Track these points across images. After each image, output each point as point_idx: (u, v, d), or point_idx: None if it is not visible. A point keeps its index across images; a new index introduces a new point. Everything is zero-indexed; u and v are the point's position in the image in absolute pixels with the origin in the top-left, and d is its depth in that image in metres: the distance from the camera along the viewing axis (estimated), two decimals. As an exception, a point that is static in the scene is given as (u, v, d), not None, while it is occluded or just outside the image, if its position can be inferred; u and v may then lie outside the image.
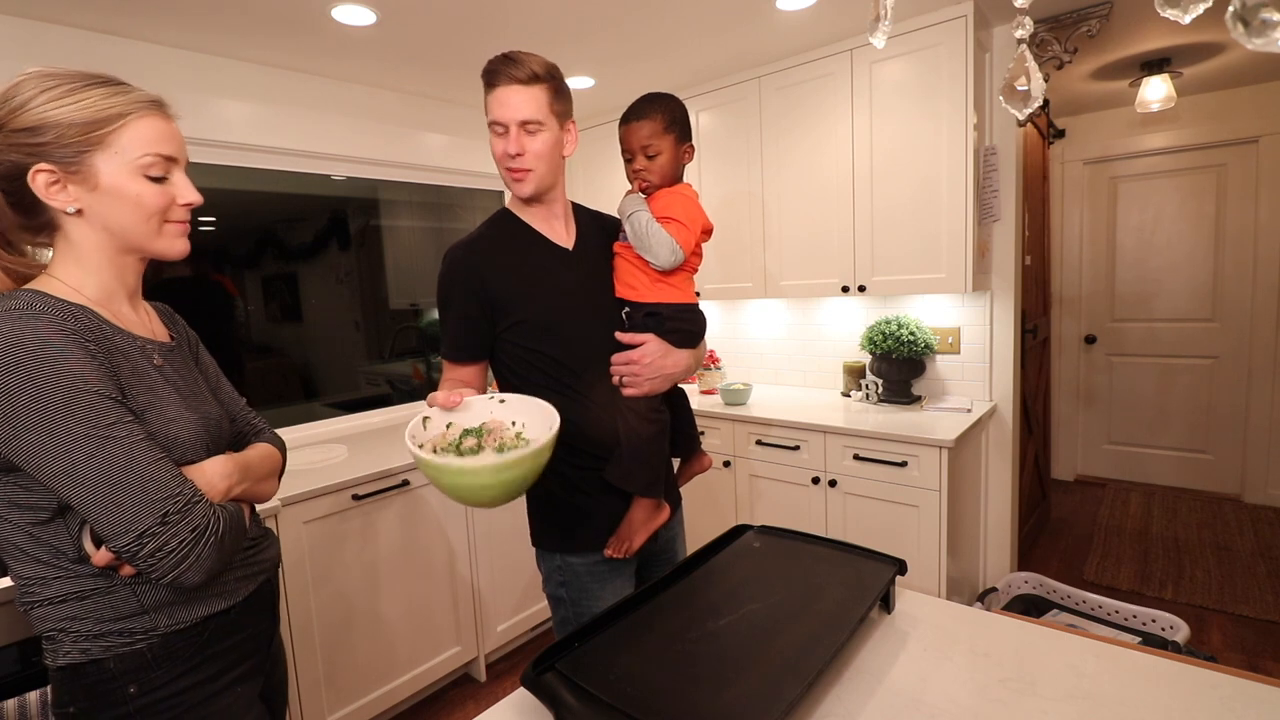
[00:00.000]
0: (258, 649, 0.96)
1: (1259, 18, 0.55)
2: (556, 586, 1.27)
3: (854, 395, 2.61)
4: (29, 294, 0.78)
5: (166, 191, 0.86)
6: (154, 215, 0.85)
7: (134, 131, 0.82)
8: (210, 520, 0.79)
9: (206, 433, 0.89)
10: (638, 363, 1.19)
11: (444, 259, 1.20)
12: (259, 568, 0.97)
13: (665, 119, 1.22)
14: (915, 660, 0.87)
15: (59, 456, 0.72)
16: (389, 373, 3.04)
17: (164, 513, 0.74)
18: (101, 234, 0.84)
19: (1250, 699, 0.75)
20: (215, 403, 0.98)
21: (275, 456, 1.03)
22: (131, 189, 0.82)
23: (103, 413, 0.74)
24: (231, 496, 0.88)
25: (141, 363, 0.86)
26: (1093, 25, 2.17)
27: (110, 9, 1.84)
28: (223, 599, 0.89)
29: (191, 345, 1.04)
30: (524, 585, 2.45)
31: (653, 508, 1.24)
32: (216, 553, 0.79)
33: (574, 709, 0.72)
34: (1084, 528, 3.33)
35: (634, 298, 1.23)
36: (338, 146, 2.55)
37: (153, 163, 0.83)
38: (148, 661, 0.82)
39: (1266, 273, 3.34)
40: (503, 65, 1.12)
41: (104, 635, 0.81)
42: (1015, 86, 0.85)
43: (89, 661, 0.80)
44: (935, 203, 2.21)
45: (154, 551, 0.74)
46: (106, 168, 0.81)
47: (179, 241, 0.89)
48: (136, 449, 0.75)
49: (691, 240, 1.21)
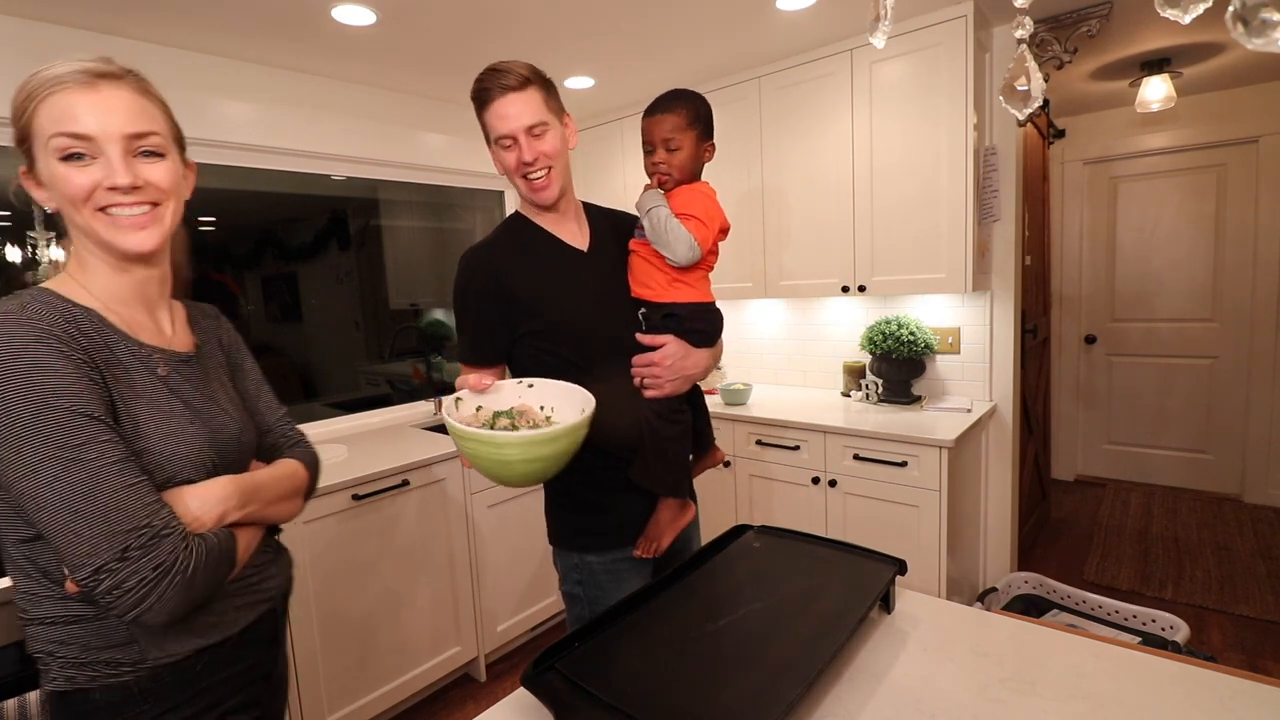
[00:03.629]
0: (253, 681, 0.89)
1: (1259, 18, 0.55)
2: (574, 585, 1.26)
3: (854, 395, 2.61)
4: (30, 293, 0.75)
5: (88, 175, 0.75)
6: (80, 203, 0.75)
7: (44, 112, 0.74)
8: (179, 556, 0.70)
9: (212, 449, 0.83)
10: (659, 364, 1.18)
11: (460, 263, 1.19)
12: (260, 595, 0.89)
13: (690, 114, 1.22)
14: (915, 660, 0.87)
15: (24, 477, 0.67)
16: (389, 373, 3.04)
17: (124, 547, 0.68)
18: (78, 232, 0.79)
19: (1250, 699, 0.75)
20: (240, 415, 0.92)
21: (298, 474, 0.95)
22: (54, 174, 0.75)
23: (72, 431, 0.68)
24: (229, 522, 0.80)
25: (142, 373, 0.80)
26: (1093, 25, 2.17)
27: (110, 9, 1.84)
28: (219, 630, 0.82)
29: (227, 352, 0.98)
30: (524, 585, 2.45)
31: (678, 507, 1.25)
32: (184, 592, 0.71)
33: (574, 709, 0.72)
34: (1084, 528, 3.33)
35: (650, 297, 1.22)
36: (338, 146, 2.55)
37: (62, 145, 0.74)
38: (134, 695, 0.77)
39: (1266, 273, 3.34)
40: (491, 79, 1.10)
41: (90, 664, 0.76)
42: (1015, 86, 0.85)
43: (74, 690, 0.76)
44: (935, 203, 2.21)
45: (110, 589, 0.67)
46: (40, 156, 0.76)
47: (130, 234, 0.78)
48: (104, 473, 0.69)
49: (710, 238, 1.20)
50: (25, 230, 1.97)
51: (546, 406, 1.08)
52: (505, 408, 1.07)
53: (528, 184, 1.16)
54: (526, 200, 1.21)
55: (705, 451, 1.40)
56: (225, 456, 0.85)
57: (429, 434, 2.50)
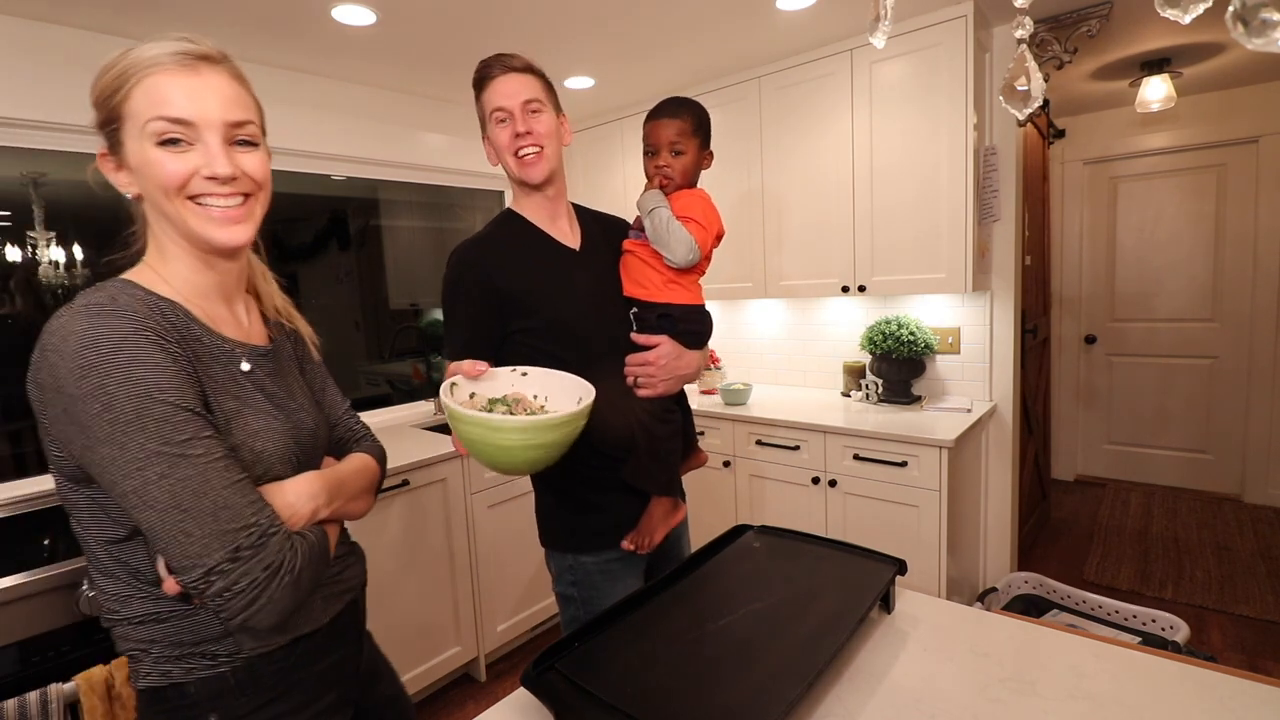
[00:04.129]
0: (343, 677, 0.89)
1: (1259, 18, 0.55)
2: (567, 585, 1.26)
3: (854, 395, 2.61)
4: (117, 285, 0.72)
5: (186, 162, 0.71)
6: (172, 191, 0.72)
7: (141, 94, 0.70)
8: (287, 556, 0.69)
9: (296, 444, 0.81)
10: (653, 364, 1.19)
11: (450, 260, 1.19)
12: (343, 587, 0.89)
13: (694, 121, 1.24)
14: (915, 660, 0.87)
15: (130, 475, 0.64)
16: (389, 373, 3.04)
17: (235, 546, 0.66)
18: (164, 221, 0.75)
19: (1250, 699, 0.75)
20: (313, 410, 0.90)
21: (372, 469, 0.94)
22: (146, 161, 0.71)
23: (177, 427, 0.65)
24: (318, 519, 0.78)
25: (229, 367, 0.77)
26: (1093, 25, 2.17)
27: (110, 9, 1.84)
28: (309, 622, 0.81)
29: (298, 347, 0.97)
30: (524, 585, 2.45)
31: (670, 505, 1.25)
32: (292, 592, 0.69)
33: (574, 709, 0.72)
34: (1084, 528, 3.33)
35: (644, 297, 1.23)
36: (338, 146, 2.55)
37: (161, 129, 0.70)
38: (230, 687, 0.75)
39: (1266, 273, 3.34)
40: (494, 60, 1.14)
41: (185, 657, 0.74)
42: (1015, 86, 0.85)
43: (169, 685, 0.74)
44: (935, 203, 2.21)
45: (222, 591, 0.65)
46: (129, 141, 0.72)
47: (222, 228, 0.75)
48: (211, 470, 0.66)
49: (708, 242, 1.22)
50: (25, 230, 1.97)
51: (540, 395, 1.07)
52: (499, 395, 1.06)
53: (518, 161, 1.16)
54: (516, 181, 1.21)
55: (689, 453, 1.41)
56: (306, 451, 0.84)
57: (429, 434, 2.50)
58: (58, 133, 1.92)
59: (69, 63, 1.92)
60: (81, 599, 1.37)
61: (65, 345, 0.64)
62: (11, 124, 1.85)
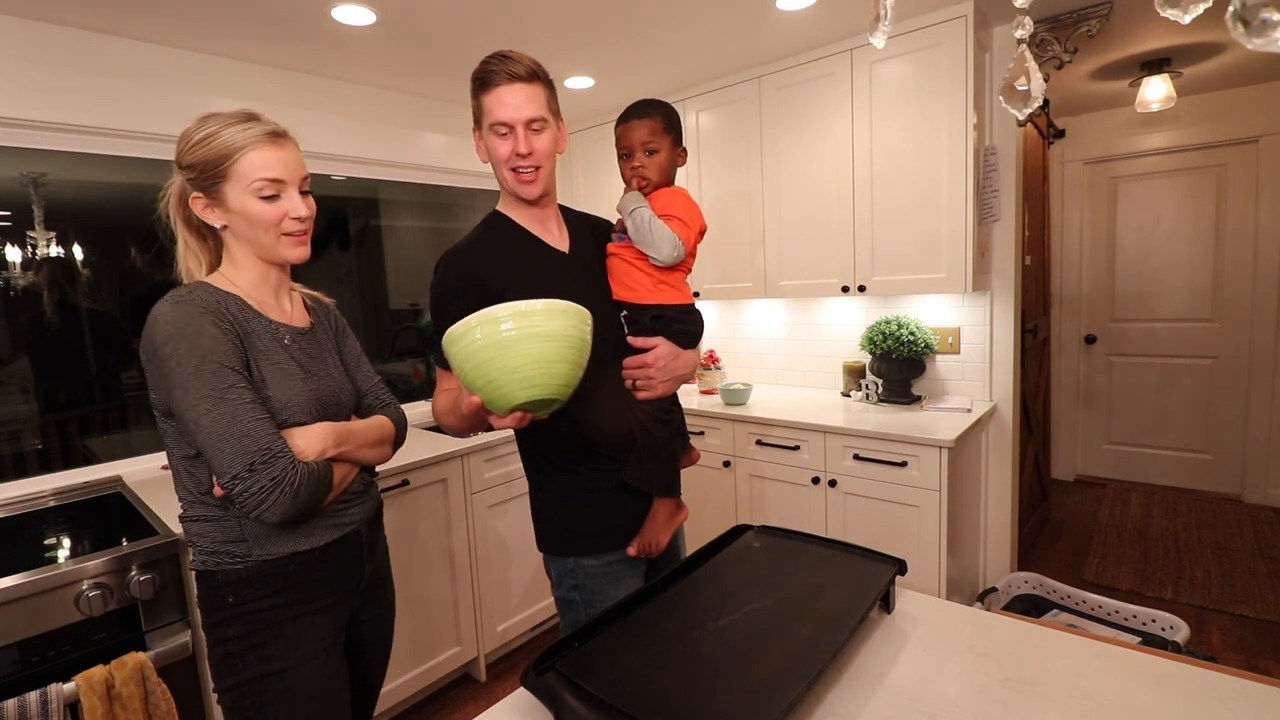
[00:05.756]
0: (339, 589, 1.12)
1: (1259, 18, 0.55)
2: (569, 590, 1.25)
3: (854, 395, 2.61)
4: (197, 285, 1.04)
5: (279, 208, 1.05)
6: (270, 229, 1.05)
7: (247, 162, 1.02)
8: (288, 473, 0.95)
9: (318, 401, 1.08)
10: (651, 366, 1.18)
11: (439, 265, 1.17)
12: (343, 520, 1.12)
13: (664, 120, 1.23)
14: (915, 660, 0.87)
15: (189, 408, 0.94)
16: (389, 372, 3.04)
17: (251, 462, 0.93)
18: (244, 243, 1.08)
19: (1250, 699, 0.75)
20: (341, 378, 1.18)
21: (385, 426, 1.20)
22: (249, 209, 1.04)
23: (221, 377, 0.95)
24: (326, 457, 1.05)
25: (270, 342, 1.07)
26: (1093, 25, 2.17)
27: (110, 9, 1.84)
28: (307, 541, 1.06)
29: (336, 330, 1.26)
30: (524, 585, 2.45)
31: (673, 507, 1.25)
32: (291, 501, 0.96)
33: (574, 709, 0.72)
34: (1084, 528, 3.33)
35: (634, 299, 1.22)
36: (338, 146, 2.55)
37: (262, 187, 1.03)
38: (243, 579, 1.02)
39: (1266, 273, 3.34)
40: (500, 64, 1.10)
41: (216, 553, 1.02)
42: (1015, 86, 0.85)
43: (207, 571, 1.03)
44: (935, 203, 2.21)
45: (241, 492, 0.93)
46: (232, 194, 1.03)
47: (297, 249, 1.10)
48: (241, 409, 0.95)
49: (692, 238, 1.21)
50: (25, 230, 1.97)
51: None
52: None
53: (515, 176, 1.15)
54: (508, 192, 1.20)
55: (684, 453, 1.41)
56: (327, 407, 1.10)
57: (429, 434, 2.50)
58: (58, 133, 1.92)
59: (69, 63, 1.92)
60: (81, 599, 1.38)
61: (157, 322, 0.97)
62: (11, 124, 1.85)
